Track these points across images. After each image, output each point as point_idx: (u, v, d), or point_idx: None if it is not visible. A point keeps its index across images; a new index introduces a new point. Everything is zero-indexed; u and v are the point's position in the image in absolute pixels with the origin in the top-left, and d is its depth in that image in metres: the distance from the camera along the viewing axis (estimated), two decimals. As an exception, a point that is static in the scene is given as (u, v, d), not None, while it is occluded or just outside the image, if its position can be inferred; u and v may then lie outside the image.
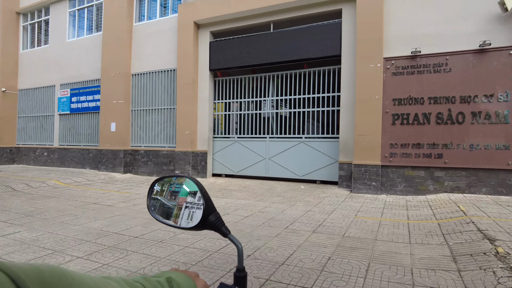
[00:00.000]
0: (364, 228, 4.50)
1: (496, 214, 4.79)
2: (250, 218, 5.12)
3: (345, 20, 7.93)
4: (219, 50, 9.53)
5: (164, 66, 10.41)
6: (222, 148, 9.88)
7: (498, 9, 6.46)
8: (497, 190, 6.34)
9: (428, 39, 6.99)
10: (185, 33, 9.64)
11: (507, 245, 3.38)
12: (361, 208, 5.88)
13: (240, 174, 9.62)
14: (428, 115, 6.90)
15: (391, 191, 7.18)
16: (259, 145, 9.37)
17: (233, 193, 7.43)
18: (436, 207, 5.64)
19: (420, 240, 3.89)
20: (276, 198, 6.74)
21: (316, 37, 8.21)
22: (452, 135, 6.68)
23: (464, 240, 3.68)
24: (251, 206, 6.03)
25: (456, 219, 4.60)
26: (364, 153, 7.36)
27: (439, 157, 6.76)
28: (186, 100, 9.65)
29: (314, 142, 8.69)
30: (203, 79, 9.79)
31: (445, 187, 6.72)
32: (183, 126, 9.73)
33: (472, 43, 6.65)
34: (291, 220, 4.96)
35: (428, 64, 6.93)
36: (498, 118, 6.37)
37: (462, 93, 6.65)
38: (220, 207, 5.94)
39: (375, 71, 7.29)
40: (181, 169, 9.76)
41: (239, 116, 10.01)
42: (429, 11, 7.04)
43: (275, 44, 8.69)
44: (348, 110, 7.85)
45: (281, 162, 9.05)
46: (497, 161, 6.33)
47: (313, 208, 5.82)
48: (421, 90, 6.97)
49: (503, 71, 6.40)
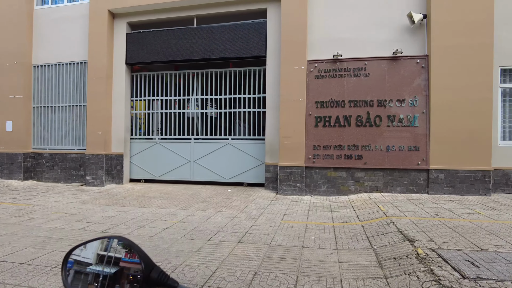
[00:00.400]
0: (291, 234, 4.33)
1: (411, 212, 5.04)
2: (169, 230, 4.61)
3: (270, 20, 7.82)
4: (138, 43, 8.72)
5: (73, 58, 9.19)
6: (141, 150, 9.08)
7: (408, 21, 6.93)
8: (409, 188, 6.79)
9: (348, 43, 7.23)
10: (98, 22, 8.62)
11: (424, 245, 3.46)
12: (287, 211, 5.77)
13: (162, 178, 8.93)
14: (348, 118, 7.12)
15: (315, 192, 7.26)
16: (183, 146, 8.80)
17: (153, 200, 6.78)
18: (358, 207, 5.78)
19: (347, 245, 3.84)
20: (200, 205, 6.30)
21: (241, 36, 7.96)
22: (370, 137, 6.99)
23: (388, 243, 3.71)
24: (171, 215, 5.51)
25: (378, 220, 4.71)
26: (289, 155, 7.33)
27: (359, 158, 7.02)
28: (99, 96, 8.64)
29: (240, 143, 8.44)
30: (119, 73, 8.87)
31: (365, 187, 7.00)
32: (95, 126, 8.69)
33: (387, 50, 7.03)
34: (215, 229, 4.59)
35: (348, 68, 7.15)
36: (409, 122, 6.83)
37: (379, 97, 7.00)
38: (135, 218, 5.31)
39: (298, 73, 7.30)
40: (92, 174, 8.71)
41: (160, 115, 9.30)
42: (350, 17, 7.29)
43: (198, 40, 8.22)
44: (273, 112, 7.76)
45: (207, 165, 8.62)
46: (409, 162, 6.79)
47: (239, 214, 5.53)
48: (342, 93, 7.17)
49: (412, 78, 6.88)
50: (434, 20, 6.71)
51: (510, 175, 6.72)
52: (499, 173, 6.73)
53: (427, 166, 6.69)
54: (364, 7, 7.24)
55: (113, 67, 8.91)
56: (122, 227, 4.77)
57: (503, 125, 6.93)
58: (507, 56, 6.78)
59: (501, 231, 4.04)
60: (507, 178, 6.73)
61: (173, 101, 9.04)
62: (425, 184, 6.73)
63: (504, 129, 6.93)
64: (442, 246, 3.44)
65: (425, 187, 6.72)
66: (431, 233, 3.91)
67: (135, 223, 5.01)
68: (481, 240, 3.66)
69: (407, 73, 6.91)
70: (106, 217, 5.40)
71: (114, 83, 8.93)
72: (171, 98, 8.99)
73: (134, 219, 5.26)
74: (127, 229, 4.67)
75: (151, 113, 9.26)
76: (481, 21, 6.56)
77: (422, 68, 6.83)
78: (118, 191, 8.00)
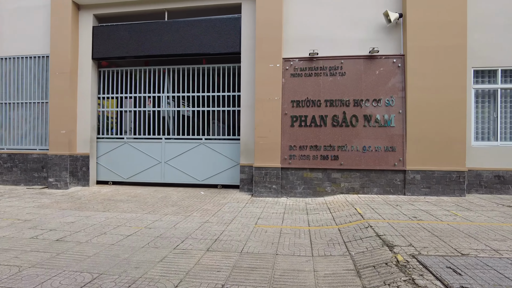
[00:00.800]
0: (265, 240, 4.06)
1: (389, 215, 4.89)
2: (132, 237, 4.24)
3: (244, 16, 7.54)
4: (105, 37, 8.22)
5: (34, 51, 8.55)
6: (109, 150, 8.56)
7: (384, 19, 6.85)
8: (386, 189, 6.70)
9: (325, 41, 7.07)
10: (61, 14, 8.04)
11: (404, 251, 3.28)
12: (262, 214, 5.50)
13: (131, 180, 8.45)
14: (325, 118, 6.95)
15: (291, 194, 7.05)
16: (153, 147, 8.36)
17: (119, 204, 6.34)
18: (334, 209, 5.59)
19: (323, 251, 3.61)
20: (170, 209, 5.93)
21: (215, 31, 7.64)
22: (347, 138, 6.85)
23: (366, 249, 3.50)
24: (137, 220, 5.11)
25: (355, 223, 4.52)
26: (264, 155, 7.08)
27: (335, 159, 6.86)
28: (62, 93, 8.06)
29: (215, 143, 8.11)
30: (85, 69, 8.32)
31: (341, 188, 6.85)
32: (59, 124, 8.11)
33: (363, 49, 6.92)
34: (183, 236, 4.25)
35: (325, 67, 6.98)
36: (385, 122, 6.74)
37: (355, 96, 6.87)
38: (97, 224, 4.88)
39: (274, 71, 7.07)
40: (56, 176, 8.12)
41: (129, 113, 8.81)
42: (326, 15, 7.13)
43: (170, 35, 7.83)
44: (248, 111, 7.49)
45: (179, 166, 8.22)
46: (385, 162, 6.69)
47: (211, 218, 5.21)
48: (318, 92, 6.99)
49: (388, 77, 6.80)
50: (409, 20, 6.66)
51: (483, 176, 6.76)
52: (472, 173, 6.76)
53: (404, 167, 6.62)
54: (341, 4, 7.11)
55: (79, 62, 8.35)
56: (81, 234, 4.35)
57: (476, 125, 6.97)
58: (479, 58, 6.82)
59: (479, 233, 3.94)
60: (480, 178, 6.76)
61: (143, 98, 8.59)
62: (402, 185, 6.65)
63: (477, 129, 6.98)
64: (422, 251, 3.27)
65: (402, 188, 6.65)
66: (410, 238, 3.75)
67: (96, 229, 4.59)
68: (460, 244, 3.53)
69: (384, 73, 6.82)
70: (65, 223, 4.94)
71: (80, 79, 8.37)
72: (140, 95, 8.53)
73: (95, 225, 4.84)
74: (86, 236, 4.26)
75: (119, 111, 8.76)
76: (455, 23, 6.57)
77: (398, 67, 6.76)
78: (83, 194, 7.49)
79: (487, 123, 6.99)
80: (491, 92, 6.97)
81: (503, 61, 6.81)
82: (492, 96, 6.99)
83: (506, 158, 6.75)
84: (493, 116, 6.96)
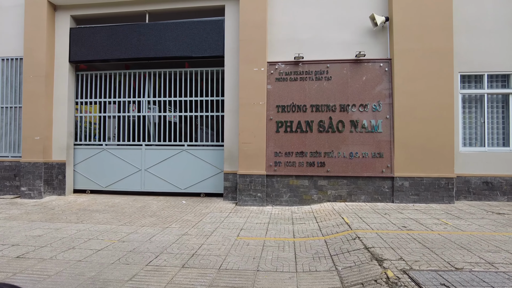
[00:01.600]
0: (246, 254, 3.77)
1: (378, 225, 4.67)
2: (103, 252, 3.89)
3: (228, 19, 7.31)
4: (83, 39, 7.86)
5: (7, 53, 8.12)
6: (87, 157, 8.15)
7: (370, 23, 6.72)
8: (374, 197, 6.49)
9: (310, 45, 6.90)
10: (35, 14, 7.66)
11: (394, 265, 3.04)
12: (245, 225, 5.21)
13: (109, 189, 8.05)
14: (310, 123, 6.74)
15: (277, 202, 6.78)
16: (133, 153, 7.99)
17: (94, 215, 5.96)
18: (321, 219, 5.34)
19: (308, 267, 3.33)
20: (148, 220, 5.58)
21: (197, 34, 7.37)
22: (333, 144, 6.64)
23: (353, 263, 3.25)
24: (111, 233, 4.76)
25: (342, 234, 4.27)
26: (249, 162, 6.80)
27: (322, 165, 6.64)
28: (37, 97, 7.65)
29: (197, 150, 7.79)
30: (61, 72, 7.94)
31: (328, 196, 6.61)
32: (33, 130, 7.68)
33: (349, 52, 6.77)
34: (158, 250, 3.93)
35: (310, 71, 6.79)
36: (372, 127, 6.56)
37: (341, 101, 6.68)
38: (67, 237, 4.51)
39: (258, 75, 6.84)
40: (29, 185, 7.67)
41: (109, 119, 8.44)
42: (311, 17, 6.96)
43: (151, 37, 7.53)
44: (233, 116, 7.22)
45: (160, 173, 7.87)
46: (373, 169, 6.50)
47: (190, 230, 4.89)
48: (304, 97, 6.79)
49: (375, 82, 6.65)
50: (396, 23, 6.54)
51: (472, 182, 6.63)
52: (461, 180, 6.62)
53: (392, 173, 6.44)
54: (326, 7, 6.95)
55: (55, 65, 7.96)
56: (46, 249, 3.98)
57: (463, 131, 6.86)
58: (466, 63, 6.74)
59: (471, 244, 3.74)
60: (468, 185, 6.63)
61: (122, 103, 8.23)
62: (390, 192, 6.46)
63: (465, 135, 6.87)
64: (413, 266, 3.04)
65: (390, 195, 6.45)
66: (400, 250, 3.52)
67: (64, 243, 4.23)
68: (453, 256, 3.31)
69: (370, 77, 6.66)
70: (31, 236, 4.55)
71: (56, 83, 7.98)
72: (120, 100, 8.16)
73: (64, 238, 4.47)
74: (51, 251, 3.89)
75: (97, 117, 8.37)
76: (441, 26, 6.48)
77: (385, 71, 6.61)
78: (57, 203, 7.06)
79: (474, 129, 6.89)
80: (478, 97, 6.89)
81: (489, 66, 6.74)
82: (479, 101, 6.90)
83: (494, 164, 6.64)
84: (480, 122, 6.87)
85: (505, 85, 6.84)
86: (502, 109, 6.90)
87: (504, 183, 6.58)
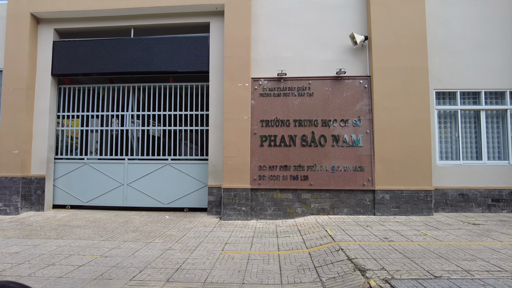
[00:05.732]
0: (231, 268, 3.79)
1: (360, 237, 4.78)
2: (85, 268, 3.82)
3: (213, 35, 7.47)
4: (67, 53, 7.82)
5: (-14, 65, 7.99)
6: (67, 172, 7.98)
7: (350, 41, 7.01)
8: (356, 210, 6.63)
9: (293, 62, 7.12)
10: (17, 26, 7.60)
11: (377, 275, 3.14)
12: (230, 239, 5.22)
13: (90, 204, 7.88)
14: (294, 137, 6.88)
15: (261, 216, 6.82)
16: (115, 168, 7.89)
17: (75, 230, 5.83)
18: (305, 232, 5.41)
19: (293, 279, 3.38)
20: (130, 235, 5.50)
21: (182, 49, 7.48)
22: (316, 157, 6.79)
23: (337, 274, 3.32)
24: (92, 248, 4.67)
25: (326, 246, 4.35)
26: (233, 176, 6.85)
27: (305, 179, 6.75)
28: (16, 110, 7.51)
29: (181, 164, 7.77)
30: (43, 85, 7.84)
31: (312, 209, 6.71)
32: (10, 144, 7.50)
33: (330, 70, 7.01)
34: (141, 265, 3.89)
35: (293, 87, 6.98)
36: (353, 142, 6.76)
37: (323, 116, 6.87)
38: (46, 254, 4.40)
39: (243, 90, 6.97)
40: (5, 200, 7.43)
41: (95, 133, 8.34)
42: (293, 36, 7.21)
43: (136, 52, 7.58)
44: (217, 130, 7.29)
45: (142, 188, 7.78)
46: (354, 182, 6.66)
47: (174, 245, 4.86)
48: (287, 112, 6.95)
49: (356, 98, 6.89)
50: (374, 42, 6.85)
51: (449, 194, 6.88)
52: (439, 192, 6.87)
53: (373, 186, 6.61)
54: (309, 26, 7.22)
55: (36, 78, 7.87)
56: (24, 266, 3.87)
57: (440, 145, 7.16)
58: (440, 80, 7.09)
59: (449, 253, 3.89)
60: (446, 197, 6.88)
61: (105, 117, 8.17)
62: (371, 205, 6.62)
63: (441, 149, 7.17)
64: (395, 275, 3.14)
65: (371, 208, 6.61)
66: (382, 260, 3.62)
67: (43, 260, 4.13)
68: (432, 265, 3.44)
69: (351, 93, 6.90)
70: (7, 254, 4.41)
71: (37, 96, 7.86)
72: (103, 114, 8.10)
73: (44, 254, 4.36)
74: (30, 268, 3.79)
75: (79, 130, 8.26)
76: (415, 47, 6.82)
77: (365, 88, 6.87)
78: (35, 219, 6.86)
79: (450, 143, 7.20)
80: (452, 113, 7.23)
81: (461, 84, 7.12)
82: (453, 117, 7.24)
83: (469, 177, 6.93)
84: (455, 136, 7.19)
85: (476, 102, 7.22)
86: (474, 124, 7.26)
87: (478, 194, 6.86)
